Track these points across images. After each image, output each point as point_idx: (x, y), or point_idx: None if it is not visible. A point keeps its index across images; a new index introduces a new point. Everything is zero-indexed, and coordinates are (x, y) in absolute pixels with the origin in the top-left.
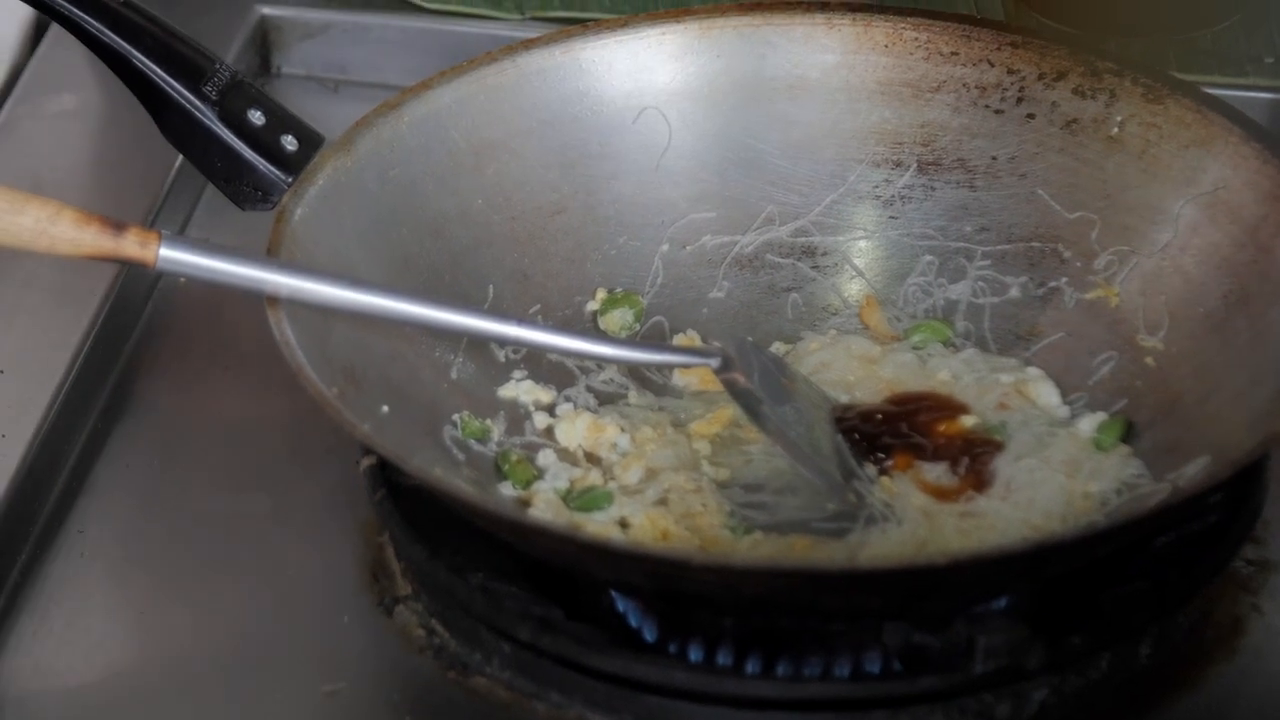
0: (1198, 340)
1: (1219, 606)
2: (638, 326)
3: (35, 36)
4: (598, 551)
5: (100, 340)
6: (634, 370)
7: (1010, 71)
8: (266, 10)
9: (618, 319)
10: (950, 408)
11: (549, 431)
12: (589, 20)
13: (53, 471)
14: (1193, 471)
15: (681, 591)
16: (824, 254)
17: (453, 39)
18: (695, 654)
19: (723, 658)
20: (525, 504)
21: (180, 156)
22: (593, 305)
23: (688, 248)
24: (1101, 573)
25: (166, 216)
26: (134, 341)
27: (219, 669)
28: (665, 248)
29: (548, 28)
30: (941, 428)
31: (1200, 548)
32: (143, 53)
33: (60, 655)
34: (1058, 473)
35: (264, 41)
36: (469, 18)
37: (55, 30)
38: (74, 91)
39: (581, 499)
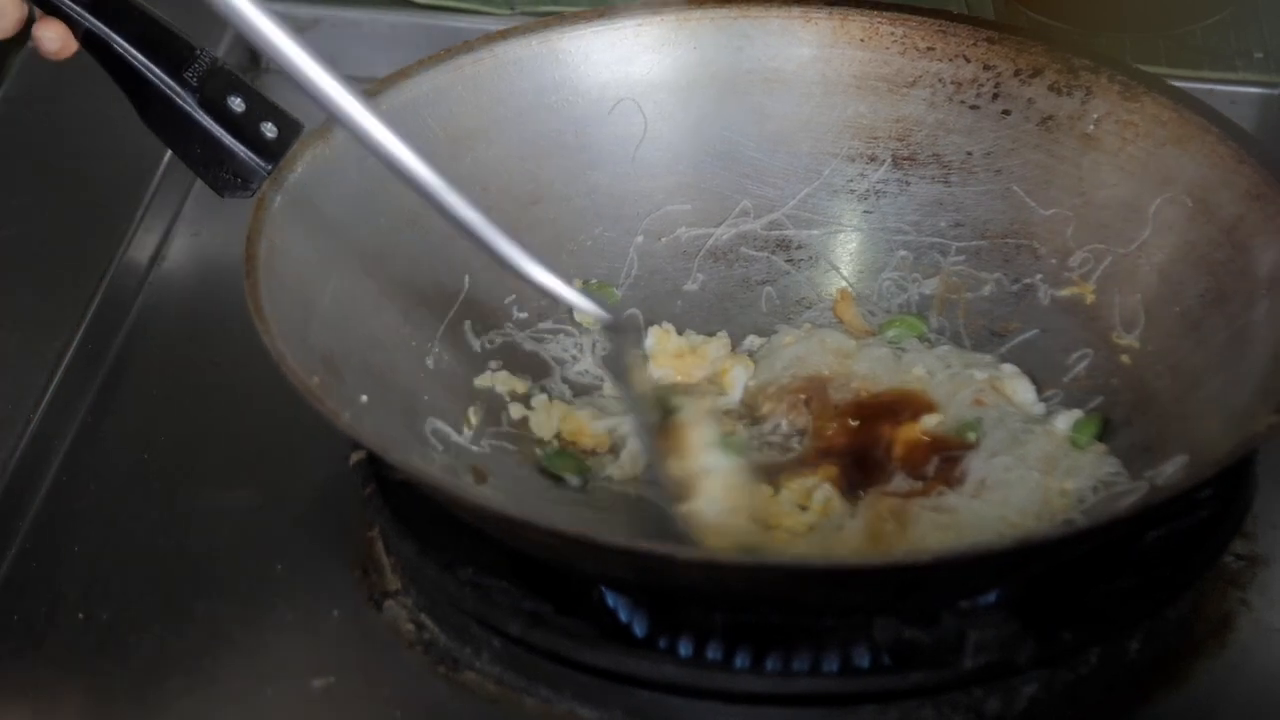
0: (1174, 339)
1: (1208, 601)
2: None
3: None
4: (585, 545)
5: (89, 337)
6: (609, 362)
7: (986, 67)
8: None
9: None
10: (916, 407)
11: (524, 422)
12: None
13: (42, 468)
14: (1170, 470)
15: (669, 586)
16: (799, 247)
17: (443, 34)
18: (685, 649)
19: (712, 652)
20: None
21: (169, 150)
22: None
23: (663, 239)
24: (1091, 568)
25: (157, 209)
26: (122, 338)
27: (210, 664)
28: (640, 239)
29: None
30: (906, 437)
31: (1190, 543)
32: (123, 38)
33: (52, 651)
34: (1033, 470)
35: None
36: (459, 12)
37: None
38: (64, 83)
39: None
